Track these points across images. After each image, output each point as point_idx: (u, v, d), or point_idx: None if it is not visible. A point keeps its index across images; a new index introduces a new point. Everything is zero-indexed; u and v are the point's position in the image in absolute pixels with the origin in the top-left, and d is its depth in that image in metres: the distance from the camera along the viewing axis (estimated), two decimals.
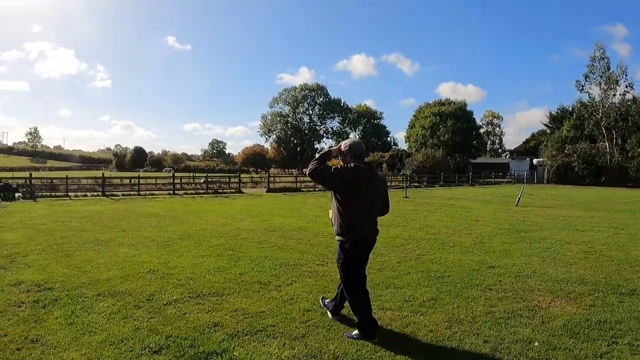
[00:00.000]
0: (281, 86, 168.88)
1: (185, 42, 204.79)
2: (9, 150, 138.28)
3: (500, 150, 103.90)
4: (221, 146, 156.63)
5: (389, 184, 39.81)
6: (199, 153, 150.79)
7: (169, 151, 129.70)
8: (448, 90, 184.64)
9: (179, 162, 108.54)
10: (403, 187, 31.93)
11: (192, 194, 27.84)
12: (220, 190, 29.89)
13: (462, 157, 62.39)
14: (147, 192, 27.21)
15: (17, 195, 23.32)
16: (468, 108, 69.07)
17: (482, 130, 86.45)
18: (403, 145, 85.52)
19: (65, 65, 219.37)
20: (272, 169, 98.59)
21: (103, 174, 28.03)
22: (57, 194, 25.46)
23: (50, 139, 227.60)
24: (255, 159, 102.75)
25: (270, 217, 15.31)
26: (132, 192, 26.82)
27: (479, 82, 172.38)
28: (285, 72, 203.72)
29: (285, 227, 12.78)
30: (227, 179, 37.99)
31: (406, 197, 25.89)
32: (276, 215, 15.87)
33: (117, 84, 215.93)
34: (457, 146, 63.28)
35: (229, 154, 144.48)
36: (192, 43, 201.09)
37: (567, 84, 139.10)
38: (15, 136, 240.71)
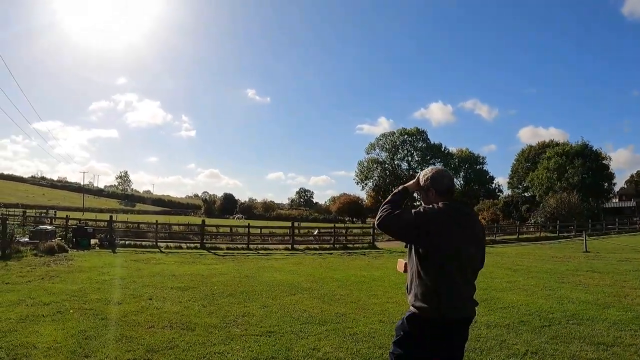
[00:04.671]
0: (361, 136, 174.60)
1: (265, 95, 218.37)
2: (98, 192, 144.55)
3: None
4: (308, 195, 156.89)
5: (513, 232, 36.53)
6: (285, 202, 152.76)
7: (256, 199, 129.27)
8: (529, 134, 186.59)
9: (270, 210, 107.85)
10: (547, 238, 26.39)
11: (315, 249, 21.75)
12: (350, 245, 23.42)
13: (597, 201, 57.68)
14: (259, 246, 21.37)
15: (92, 241, 18.45)
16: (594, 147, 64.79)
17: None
18: (505, 192, 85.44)
19: (152, 116, 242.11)
20: (369, 219, 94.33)
21: (203, 220, 23.13)
22: (144, 242, 20.39)
23: (140, 184, 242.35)
24: (351, 208, 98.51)
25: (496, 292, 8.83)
26: (238, 245, 21.17)
27: (560, 124, 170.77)
28: (365, 122, 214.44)
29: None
30: (344, 230, 31.79)
31: (586, 250, 21.19)
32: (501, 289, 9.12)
33: (201, 134, 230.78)
34: (587, 189, 57.88)
35: (315, 202, 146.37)
36: (271, 96, 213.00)
37: None
38: (106, 180, 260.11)
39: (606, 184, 65.85)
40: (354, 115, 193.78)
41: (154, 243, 20.25)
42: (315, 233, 30.98)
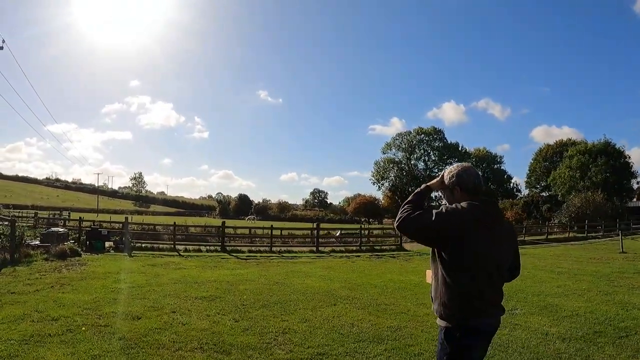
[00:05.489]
0: (373, 137, 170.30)
1: (277, 97, 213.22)
2: (113, 194, 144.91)
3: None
4: (322, 195, 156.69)
5: (537, 232, 36.26)
6: (300, 202, 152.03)
7: (270, 200, 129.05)
8: (542, 134, 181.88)
9: (285, 211, 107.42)
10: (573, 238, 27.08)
11: (341, 251, 20.64)
12: (377, 247, 22.26)
13: (621, 201, 55.84)
14: (283, 249, 20.31)
15: (107, 244, 17.57)
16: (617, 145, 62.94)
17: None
18: (523, 191, 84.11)
19: (165, 118, 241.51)
20: (386, 219, 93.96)
21: (223, 222, 21.94)
22: (161, 244, 19.42)
23: (154, 185, 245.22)
24: (367, 209, 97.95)
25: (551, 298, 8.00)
26: (260, 248, 20.15)
27: (573, 123, 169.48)
28: (377, 122, 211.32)
29: None
30: (366, 232, 30.69)
31: (623, 251, 20.15)
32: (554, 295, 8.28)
33: (214, 135, 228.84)
34: (611, 188, 55.99)
35: (329, 203, 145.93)
36: (283, 97, 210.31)
37: None
38: (120, 181, 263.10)
39: (630, 182, 64.35)
40: (365, 116, 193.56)
41: (172, 246, 19.30)
42: (338, 234, 29.94)
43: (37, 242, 15.79)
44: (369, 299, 8.70)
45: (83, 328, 5.96)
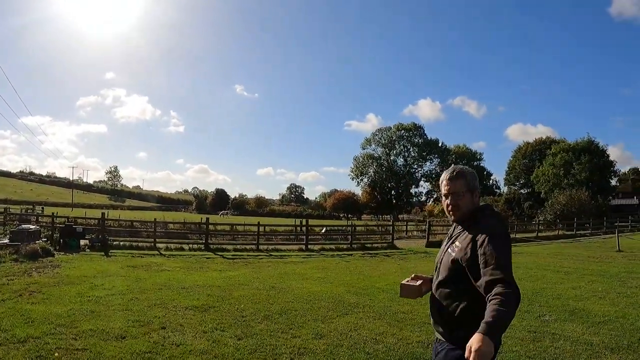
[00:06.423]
0: (349, 133, 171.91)
1: (253, 91, 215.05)
2: (88, 188, 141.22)
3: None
4: (299, 191, 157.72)
5: (521, 230, 35.80)
6: (276, 197, 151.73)
7: (246, 195, 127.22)
8: (518, 132, 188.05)
9: (263, 206, 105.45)
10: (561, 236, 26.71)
11: (331, 249, 19.63)
12: (369, 245, 21.30)
13: (604, 199, 56.54)
14: (270, 247, 19.20)
15: (82, 242, 16.28)
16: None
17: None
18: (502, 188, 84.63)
19: (140, 111, 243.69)
20: (365, 215, 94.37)
21: (207, 219, 20.59)
22: (140, 242, 18.16)
23: (129, 180, 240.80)
24: (346, 205, 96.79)
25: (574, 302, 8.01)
26: (247, 246, 19.02)
27: (549, 122, 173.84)
28: (353, 118, 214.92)
29: None
30: (350, 228, 29.74)
31: (619, 250, 19.62)
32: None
33: (189, 129, 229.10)
34: (595, 186, 57.11)
35: (306, 198, 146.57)
36: (259, 92, 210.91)
37: None
38: (96, 175, 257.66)
39: (612, 181, 65.55)
40: (342, 112, 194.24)
41: (152, 244, 18.03)
42: (323, 231, 28.89)
43: (6, 241, 14.47)
44: (382, 307, 7.75)
45: (56, 354, 4.86)
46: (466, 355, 1.95)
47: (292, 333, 6.00)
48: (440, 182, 2.57)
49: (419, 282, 2.62)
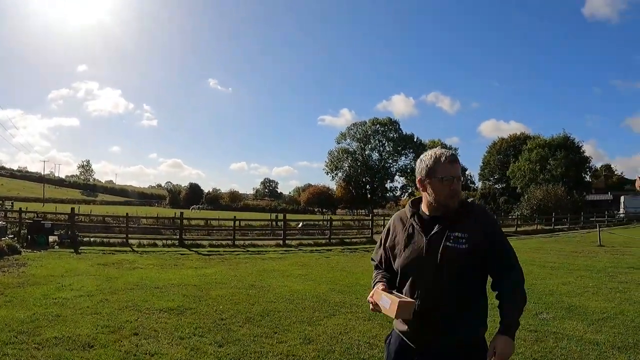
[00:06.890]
0: (323, 127, 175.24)
1: (226, 85, 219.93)
2: (60, 182, 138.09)
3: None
4: (273, 185, 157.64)
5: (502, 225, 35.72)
6: (250, 192, 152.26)
7: (220, 189, 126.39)
8: (491, 128, 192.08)
9: (237, 201, 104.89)
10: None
11: (310, 244, 19.22)
12: (347, 240, 20.96)
13: (580, 194, 57.16)
14: (247, 242, 18.68)
15: (51, 239, 15.50)
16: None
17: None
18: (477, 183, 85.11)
19: (113, 105, 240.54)
20: (339, 210, 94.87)
21: (182, 213, 19.97)
22: (111, 238, 17.42)
23: (102, 174, 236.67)
24: (321, 199, 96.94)
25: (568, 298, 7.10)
26: (222, 242, 18.44)
27: (521, 118, 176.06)
28: (327, 113, 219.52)
29: None
30: (327, 223, 29.33)
31: (601, 245, 19.51)
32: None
33: (163, 123, 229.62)
34: (570, 182, 57.37)
35: (280, 193, 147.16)
36: (232, 86, 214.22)
37: (613, 116, 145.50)
38: (68, 170, 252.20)
39: (588, 176, 66.18)
40: (315, 106, 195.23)
41: (124, 240, 17.35)
42: (300, 226, 28.48)
43: None
44: (369, 306, 7.31)
45: None
46: (488, 355, 2.05)
47: (278, 338, 5.54)
48: (433, 164, 2.35)
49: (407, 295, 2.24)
